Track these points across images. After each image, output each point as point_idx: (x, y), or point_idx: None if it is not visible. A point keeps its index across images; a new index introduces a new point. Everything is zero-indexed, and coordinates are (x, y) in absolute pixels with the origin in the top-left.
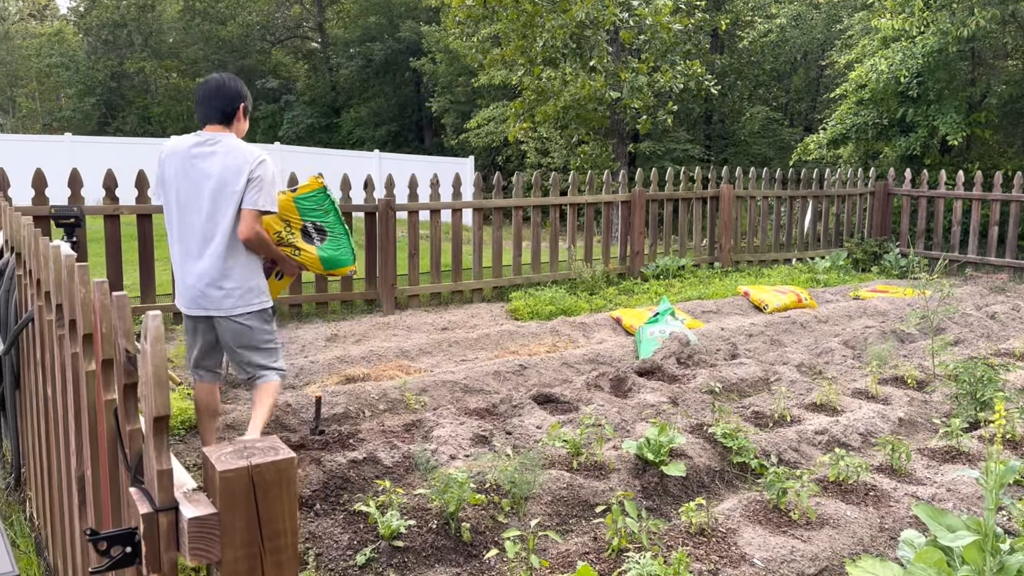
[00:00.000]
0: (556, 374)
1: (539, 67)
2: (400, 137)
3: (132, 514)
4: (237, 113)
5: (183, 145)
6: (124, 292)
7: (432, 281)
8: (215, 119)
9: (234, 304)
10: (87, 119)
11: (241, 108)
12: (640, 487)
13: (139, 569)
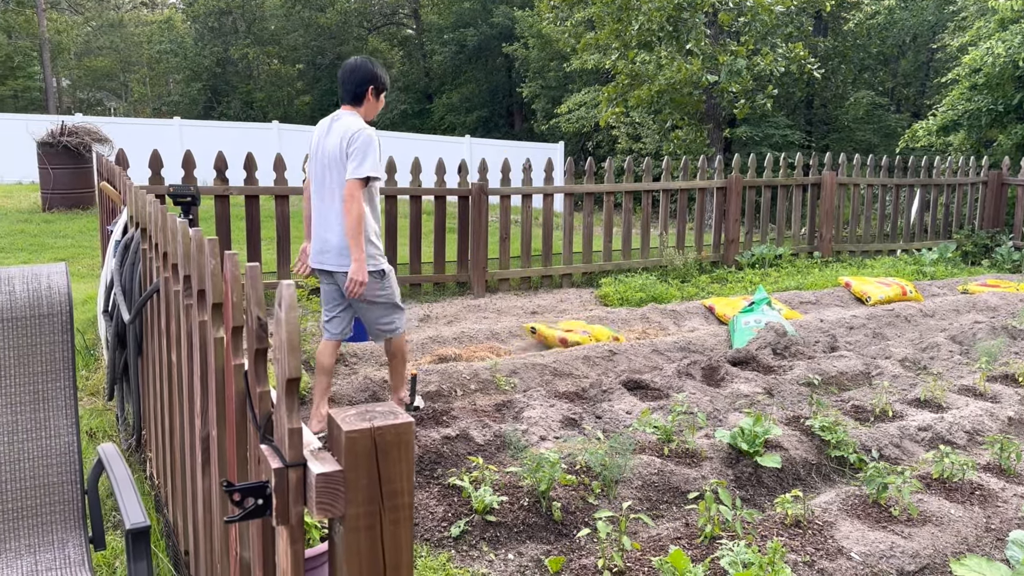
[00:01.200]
0: (646, 361)
1: (634, 51)
2: (490, 123)
3: (263, 469)
4: (366, 95)
5: (323, 123)
6: (257, 264)
7: (522, 265)
8: (347, 99)
9: (337, 261)
10: (194, 104)
11: (370, 90)
12: (733, 477)
13: (268, 521)
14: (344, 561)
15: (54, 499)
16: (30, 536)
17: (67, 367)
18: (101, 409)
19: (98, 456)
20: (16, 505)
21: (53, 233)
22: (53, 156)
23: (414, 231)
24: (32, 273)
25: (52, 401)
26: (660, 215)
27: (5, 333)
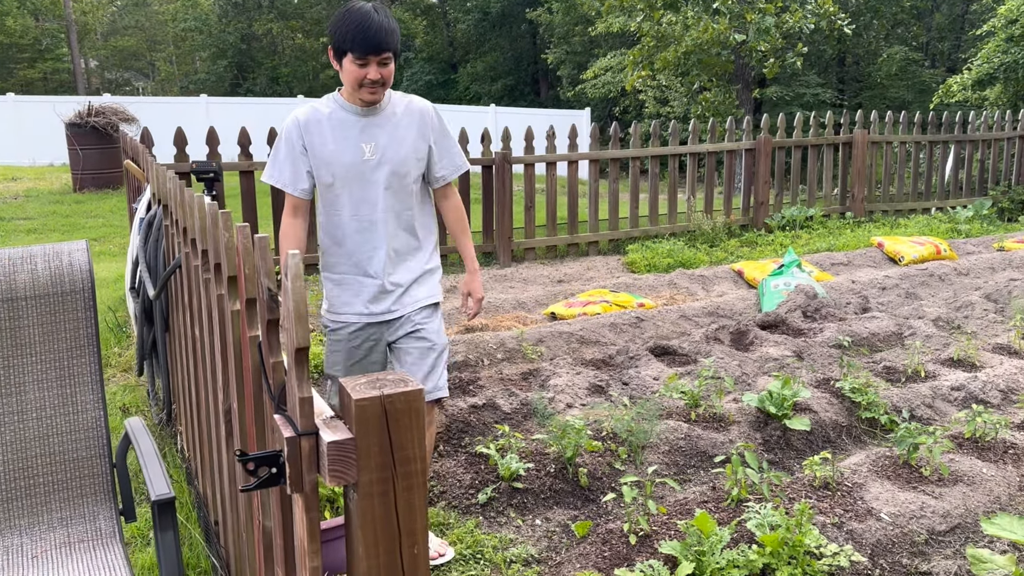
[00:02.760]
0: (673, 327)
1: (659, 11)
2: (516, 91)
3: (276, 439)
4: None
5: None
6: (265, 236)
7: (548, 234)
8: None
9: None
10: (220, 81)
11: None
12: (761, 440)
13: (283, 489)
14: (359, 527)
15: (83, 473)
16: (62, 509)
17: (91, 343)
18: (133, 385)
19: (126, 430)
20: (47, 480)
21: (85, 213)
22: (82, 137)
23: None
24: (54, 251)
25: (78, 377)
26: (688, 179)
27: (29, 311)
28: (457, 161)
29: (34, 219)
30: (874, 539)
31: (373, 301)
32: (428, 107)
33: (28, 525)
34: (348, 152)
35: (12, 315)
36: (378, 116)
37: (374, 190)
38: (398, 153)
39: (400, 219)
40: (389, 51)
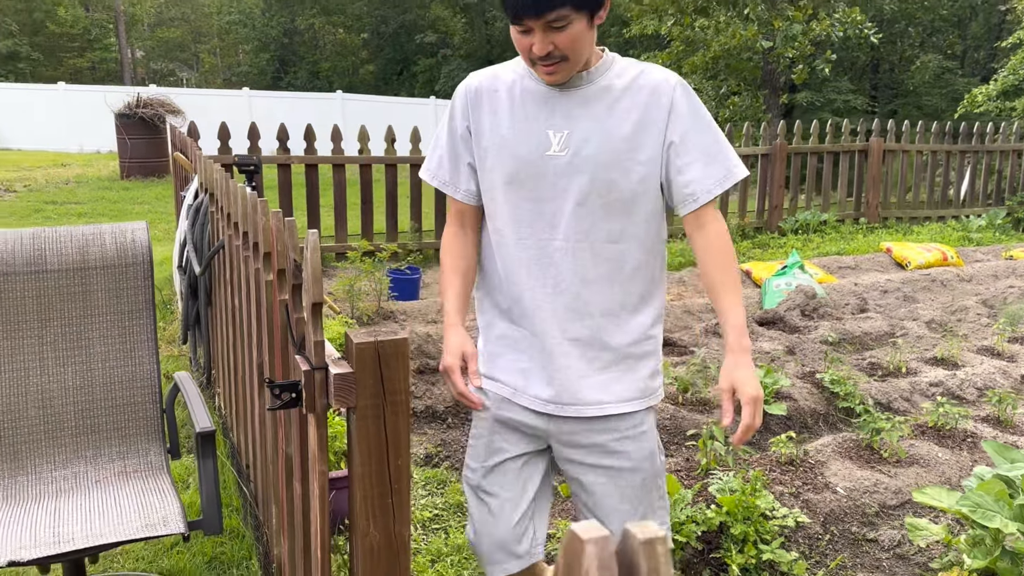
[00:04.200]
0: (677, 321)
1: (689, 16)
2: None
3: (296, 373)
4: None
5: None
6: (293, 218)
7: None
8: None
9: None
10: (263, 74)
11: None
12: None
13: (300, 410)
14: (356, 441)
15: (138, 416)
16: (120, 445)
17: (148, 307)
18: (177, 355)
19: (174, 382)
20: (108, 420)
21: (131, 199)
22: (130, 127)
23: None
24: (120, 229)
25: (136, 336)
26: None
27: (98, 279)
28: (724, 167)
29: (84, 204)
30: (827, 509)
31: (540, 380)
32: (668, 82)
33: (92, 456)
34: (527, 140)
35: (84, 282)
36: (582, 91)
37: (558, 203)
38: (603, 149)
39: (599, 255)
40: (555, 9)
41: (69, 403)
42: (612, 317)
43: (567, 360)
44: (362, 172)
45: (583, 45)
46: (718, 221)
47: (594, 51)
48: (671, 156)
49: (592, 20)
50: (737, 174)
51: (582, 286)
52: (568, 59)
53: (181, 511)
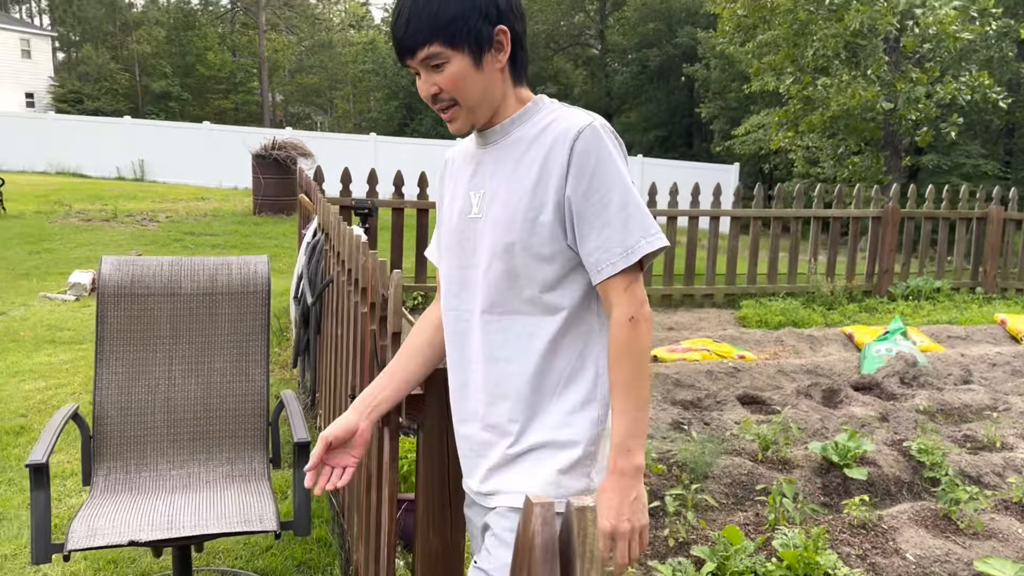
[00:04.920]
0: (769, 380)
1: (808, 75)
2: (668, 142)
3: None
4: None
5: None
6: (385, 260)
7: (664, 284)
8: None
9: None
10: (390, 120)
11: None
12: (820, 484)
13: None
14: (423, 455)
15: (247, 427)
16: (229, 451)
17: (264, 332)
18: (287, 378)
19: (280, 399)
20: (222, 428)
21: (261, 234)
22: (264, 167)
23: None
24: (244, 261)
25: (251, 356)
26: (810, 242)
27: (223, 303)
28: (631, 236)
29: (218, 236)
30: (894, 574)
31: (466, 463)
32: (571, 130)
33: (205, 459)
34: (456, 203)
35: (211, 306)
36: (497, 146)
37: (475, 270)
38: (507, 209)
39: (509, 329)
40: (424, 46)
41: (190, 411)
42: (524, 401)
43: (474, 445)
44: None
45: (471, 88)
46: (624, 304)
47: (514, 98)
48: (574, 216)
49: (480, 61)
50: (643, 247)
51: (491, 364)
52: (459, 103)
53: (276, 512)
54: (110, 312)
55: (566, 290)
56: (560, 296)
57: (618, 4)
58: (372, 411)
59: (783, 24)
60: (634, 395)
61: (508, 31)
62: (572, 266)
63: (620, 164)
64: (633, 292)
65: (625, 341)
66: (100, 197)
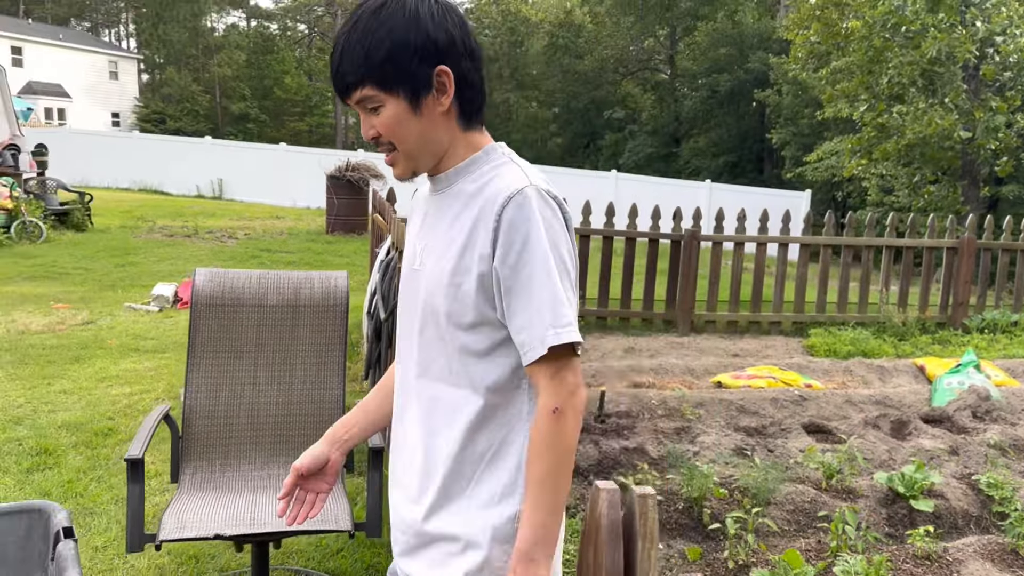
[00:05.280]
0: (836, 410)
1: (883, 103)
2: (737, 168)
3: None
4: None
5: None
6: None
7: (730, 310)
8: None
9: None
10: None
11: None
12: (885, 515)
13: None
14: None
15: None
16: None
17: (341, 343)
18: (359, 390)
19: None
20: (301, 432)
21: (333, 252)
22: (338, 188)
23: (627, 270)
24: (326, 276)
25: (329, 365)
26: (882, 272)
27: (304, 315)
28: (537, 329)
29: (293, 253)
30: None
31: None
32: (502, 197)
33: (285, 461)
34: (407, 253)
35: (293, 317)
36: (443, 194)
37: (412, 324)
38: (437, 268)
39: (439, 399)
40: (356, 88)
41: (272, 416)
42: (440, 480)
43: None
44: None
45: (407, 133)
46: (549, 393)
47: (464, 144)
48: (502, 290)
49: (417, 105)
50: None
51: (421, 431)
52: (397, 148)
53: (350, 513)
54: (202, 320)
55: (492, 365)
56: (485, 371)
57: (689, 30)
58: (343, 444)
59: (858, 51)
60: (548, 497)
61: (450, 72)
62: (499, 340)
63: (548, 237)
64: (562, 379)
65: (545, 435)
66: (181, 214)
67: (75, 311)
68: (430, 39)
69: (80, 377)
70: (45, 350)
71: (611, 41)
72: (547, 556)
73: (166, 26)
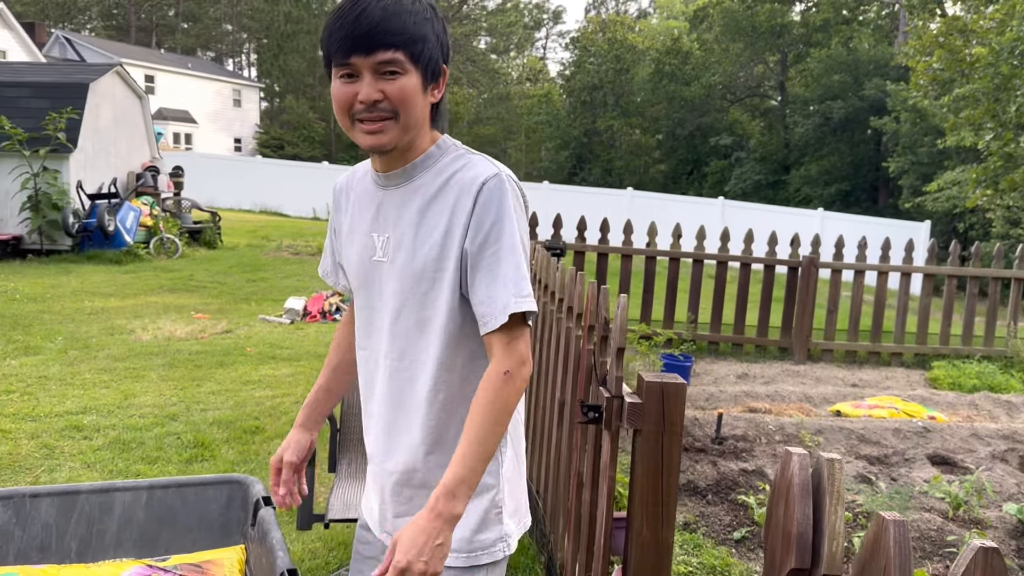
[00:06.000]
0: (961, 443)
1: (1011, 131)
2: (850, 197)
3: (601, 399)
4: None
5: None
6: (606, 286)
7: (848, 339)
8: None
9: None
10: (560, 169)
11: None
12: (1015, 547)
13: (599, 427)
14: (639, 458)
15: None
16: None
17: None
18: None
19: None
20: None
21: None
22: None
23: (741, 296)
24: None
25: None
26: (1010, 304)
27: None
28: (503, 296)
29: None
30: None
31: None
32: (477, 180)
33: None
34: (359, 243)
35: None
36: (401, 189)
37: (383, 315)
38: (414, 258)
39: (415, 381)
40: (389, 48)
41: None
42: (430, 452)
43: (385, 494)
44: (647, 263)
45: (414, 107)
46: (502, 358)
47: (424, 139)
48: (468, 266)
49: (426, 86)
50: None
51: (398, 412)
52: (398, 117)
53: None
54: None
55: (465, 342)
56: (461, 350)
57: (800, 56)
58: (315, 426)
59: (983, 78)
60: (481, 448)
61: (447, 73)
62: (472, 317)
63: (516, 219)
64: (514, 347)
65: (493, 393)
66: (301, 234)
67: (214, 321)
68: (446, 38)
69: (225, 380)
70: (191, 355)
71: (719, 67)
72: (465, 495)
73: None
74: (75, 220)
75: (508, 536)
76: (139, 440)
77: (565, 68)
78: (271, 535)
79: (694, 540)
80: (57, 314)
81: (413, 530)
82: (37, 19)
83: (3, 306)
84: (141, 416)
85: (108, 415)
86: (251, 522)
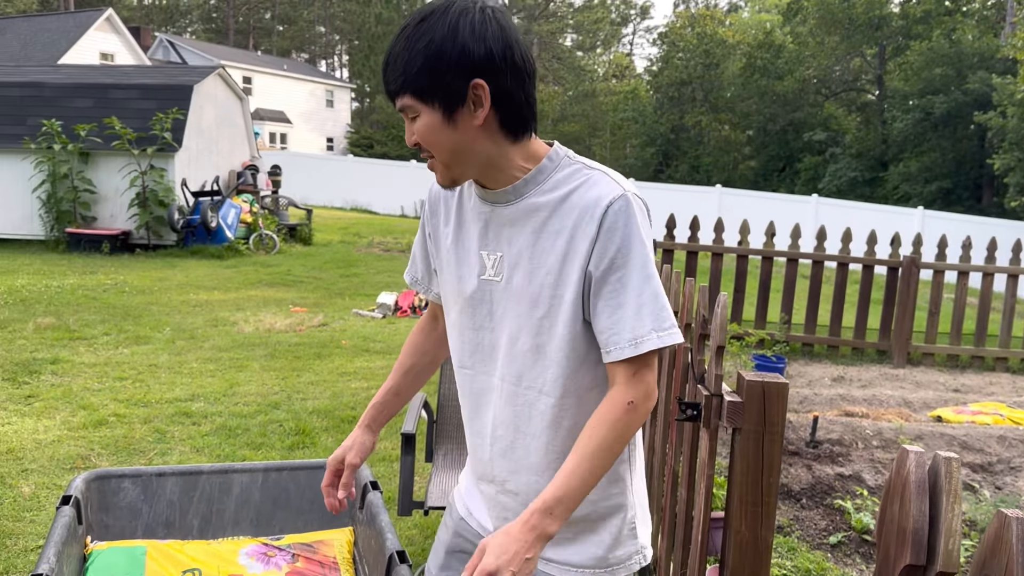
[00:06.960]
0: None
1: None
2: (952, 195)
3: (699, 397)
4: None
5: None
6: (705, 285)
7: (950, 343)
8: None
9: None
10: (645, 166)
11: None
12: None
13: (696, 424)
14: (739, 456)
15: None
16: None
17: None
18: None
19: None
20: None
21: None
22: None
23: (837, 297)
24: None
25: None
26: None
27: None
28: (631, 327)
29: None
30: None
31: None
32: (602, 201)
33: None
34: (465, 259)
35: None
36: (509, 208)
37: (495, 335)
38: (531, 281)
39: (534, 407)
40: (399, 97)
41: None
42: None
43: (508, 514)
44: (738, 262)
45: (441, 143)
46: (627, 388)
47: (521, 156)
48: (591, 292)
49: (451, 117)
50: (652, 342)
51: (516, 435)
52: (436, 158)
53: None
54: None
55: (590, 368)
56: (584, 375)
57: (900, 49)
58: (379, 427)
59: None
60: (589, 468)
61: (486, 86)
62: (594, 343)
63: (646, 244)
64: (641, 378)
65: (612, 419)
66: (391, 231)
67: (311, 314)
68: (466, 52)
69: (323, 371)
70: (291, 347)
71: (814, 61)
72: (562, 516)
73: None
74: (180, 216)
75: (644, 548)
76: (244, 427)
77: (652, 64)
78: (379, 518)
79: (788, 543)
80: (164, 306)
81: (505, 538)
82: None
83: (114, 298)
84: (245, 404)
85: (215, 402)
86: (360, 505)
